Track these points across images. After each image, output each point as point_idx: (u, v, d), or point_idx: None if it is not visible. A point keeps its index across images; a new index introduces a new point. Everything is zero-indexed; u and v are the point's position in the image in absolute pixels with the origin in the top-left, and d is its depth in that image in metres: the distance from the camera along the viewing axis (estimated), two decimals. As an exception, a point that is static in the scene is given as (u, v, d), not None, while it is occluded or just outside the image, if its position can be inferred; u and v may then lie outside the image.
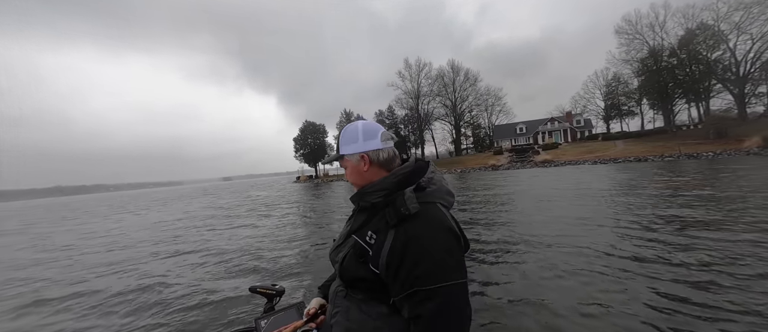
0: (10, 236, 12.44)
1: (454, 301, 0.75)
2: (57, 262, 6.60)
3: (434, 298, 0.74)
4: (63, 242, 9.36)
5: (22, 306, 4.12)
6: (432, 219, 0.81)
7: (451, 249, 0.79)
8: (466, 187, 16.23)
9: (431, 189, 0.87)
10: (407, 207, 0.80)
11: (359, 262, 0.85)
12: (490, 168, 35.86)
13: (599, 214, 6.59)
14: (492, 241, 5.26)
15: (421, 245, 0.77)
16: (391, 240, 0.80)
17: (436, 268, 0.75)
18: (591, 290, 3.19)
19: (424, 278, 0.75)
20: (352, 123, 1.02)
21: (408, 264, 0.76)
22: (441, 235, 0.79)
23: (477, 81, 57.35)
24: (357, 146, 0.95)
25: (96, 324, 3.42)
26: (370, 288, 0.85)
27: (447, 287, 0.75)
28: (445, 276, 0.75)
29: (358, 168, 0.96)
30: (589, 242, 4.72)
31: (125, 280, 4.85)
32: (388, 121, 58.42)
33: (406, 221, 0.80)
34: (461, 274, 0.78)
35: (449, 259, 0.77)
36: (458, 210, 8.76)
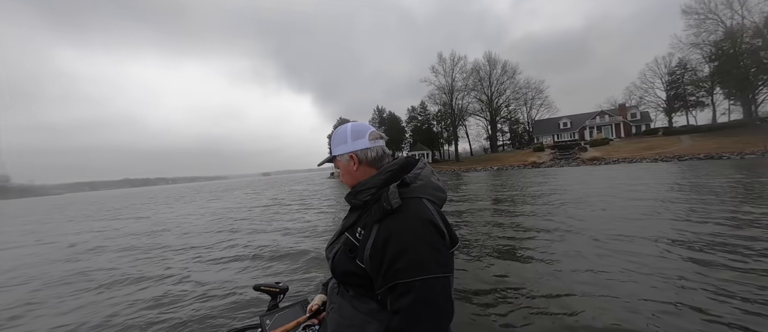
0: (130, 220, 14.37)
1: (431, 295, 0.74)
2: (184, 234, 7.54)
3: (411, 292, 0.74)
4: (179, 220, 10.91)
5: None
6: (413, 213, 0.81)
7: (432, 244, 0.78)
8: (502, 184, 15.50)
9: (417, 185, 0.89)
10: (390, 203, 0.81)
11: (348, 258, 0.88)
12: (531, 166, 33.83)
13: (669, 226, 5.54)
14: (529, 246, 4.94)
15: (401, 239, 0.78)
16: (374, 235, 0.82)
17: (415, 262, 0.75)
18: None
19: (403, 271, 0.75)
20: (342, 125, 1.05)
21: (389, 257, 0.77)
22: (422, 229, 0.79)
23: (516, 73, 54.35)
24: (346, 146, 0.99)
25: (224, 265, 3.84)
26: (360, 283, 0.87)
27: (424, 281, 0.75)
28: (422, 270, 0.75)
29: (348, 167, 1.00)
30: (665, 270, 3.46)
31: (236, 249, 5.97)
32: (421, 118, 57.71)
33: (389, 216, 0.82)
34: (442, 269, 0.77)
35: (429, 253, 0.77)
36: (490, 209, 8.37)
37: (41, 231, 12.05)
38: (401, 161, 0.98)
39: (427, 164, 0.99)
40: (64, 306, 3.89)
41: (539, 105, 58.36)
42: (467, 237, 5.62)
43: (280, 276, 4.33)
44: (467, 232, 6.03)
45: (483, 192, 13.24)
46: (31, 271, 5.70)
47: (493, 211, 8.21)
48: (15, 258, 6.93)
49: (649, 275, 3.39)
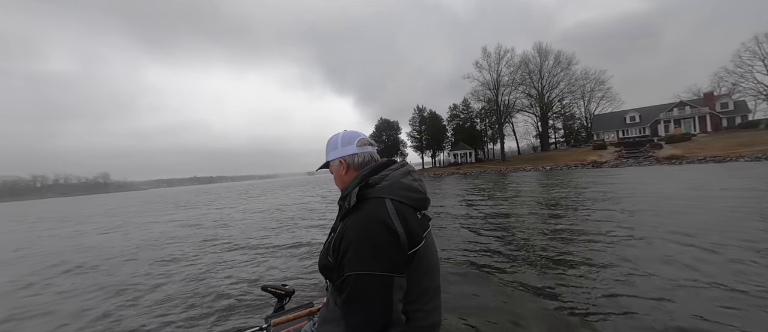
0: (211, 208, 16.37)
1: (363, 290, 0.78)
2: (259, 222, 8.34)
3: (348, 285, 0.80)
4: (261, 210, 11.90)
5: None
6: (366, 213, 0.86)
7: (376, 243, 0.80)
8: (557, 186, 13.95)
9: (381, 186, 0.91)
10: (349, 202, 0.89)
11: (325, 255, 0.95)
12: (591, 166, 30.37)
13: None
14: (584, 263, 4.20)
15: (349, 236, 0.83)
16: (338, 231, 0.89)
17: (355, 257, 0.80)
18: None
19: (347, 266, 0.81)
20: (335, 133, 1.11)
21: (341, 252, 0.84)
22: (369, 228, 0.82)
23: (571, 64, 49.43)
24: (337, 152, 1.05)
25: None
26: (333, 277, 0.92)
27: (359, 276, 0.79)
28: (360, 266, 0.79)
29: (339, 172, 1.06)
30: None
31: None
32: (463, 115, 55.59)
33: (349, 214, 0.89)
34: (381, 267, 0.79)
35: (369, 251, 0.80)
36: (540, 214, 7.48)
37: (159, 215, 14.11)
38: (375, 164, 1.02)
39: (405, 166, 1.02)
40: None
41: (600, 98, 52.31)
42: (513, 244, 5.08)
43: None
44: (513, 240, 5.42)
45: (533, 194, 12.12)
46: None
47: (546, 217, 7.37)
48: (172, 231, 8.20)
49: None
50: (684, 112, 39.80)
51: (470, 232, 6.05)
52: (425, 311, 0.90)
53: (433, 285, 0.93)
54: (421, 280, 0.89)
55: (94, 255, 6.82)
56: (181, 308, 3.50)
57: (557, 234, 5.41)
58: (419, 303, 0.88)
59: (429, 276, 0.92)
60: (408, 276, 0.85)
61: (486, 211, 8.57)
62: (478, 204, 10.05)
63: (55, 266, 6.03)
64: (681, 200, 7.76)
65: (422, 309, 0.89)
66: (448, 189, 17.52)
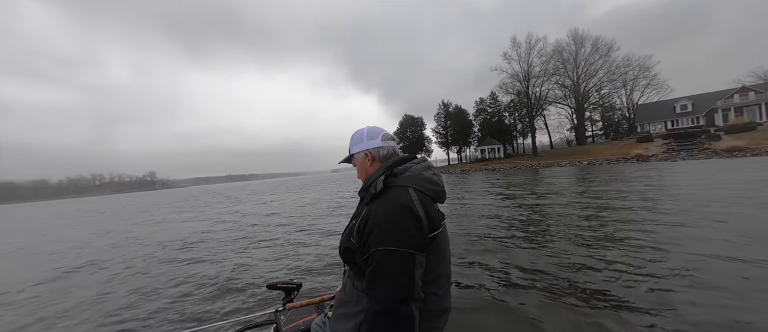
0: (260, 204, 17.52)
1: (388, 266, 0.84)
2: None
3: (374, 259, 0.86)
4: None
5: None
6: (392, 198, 0.93)
7: (401, 223, 0.88)
8: (599, 180, 12.89)
9: (405, 175, 1.00)
10: (375, 187, 0.96)
11: (347, 237, 1.01)
12: (635, 160, 28.04)
13: None
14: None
15: (376, 217, 0.91)
16: (362, 216, 0.96)
17: (381, 235, 0.87)
18: None
19: (373, 243, 0.88)
20: (359, 128, 1.19)
21: (367, 231, 0.91)
22: (395, 211, 0.90)
23: (611, 50, 45.85)
24: (362, 145, 1.14)
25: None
26: (356, 261, 0.97)
27: (385, 251, 0.85)
28: (386, 242, 0.86)
29: (363, 164, 1.14)
30: None
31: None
32: (491, 109, 53.68)
33: (375, 199, 0.96)
34: (405, 244, 0.86)
35: (394, 231, 0.87)
36: (583, 215, 6.94)
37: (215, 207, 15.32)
38: (398, 158, 1.11)
39: (425, 161, 1.10)
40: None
41: (644, 86, 47.98)
42: (549, 250, 4.77)
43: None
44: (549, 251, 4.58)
45: (573, 192, 11.39)
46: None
47: (588, 219, 6.87)
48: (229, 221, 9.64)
49: None
50: (747, 98, 35.40)
51: (502, 237, 5.80)
52: (438, 295, 0.97)
53: (445, 271, 1.01)
54: (437, 265, 0.96)
55: (223, 234, 8.21)
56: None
57: (611, 243, 5.01)
58: (434, 287, 0.95)
59: (443, 263, 1.00)
60: (427, 259, 0.92)
61: (523, 211, 8.19)
62: (514, 204, 9.64)
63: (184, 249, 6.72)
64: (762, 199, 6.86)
65: (436, 292, 0.96)
66: (476, 186, 17.00)
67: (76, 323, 3.40)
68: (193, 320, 3.19)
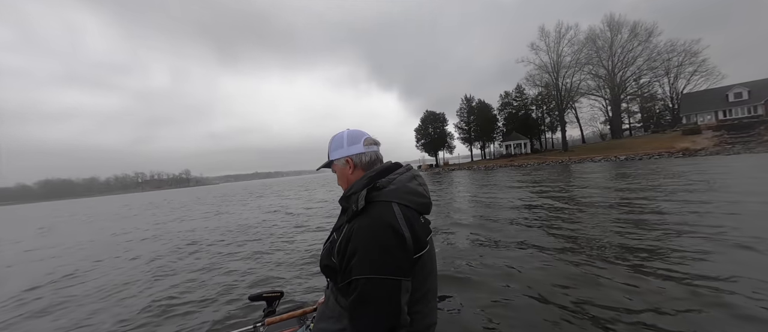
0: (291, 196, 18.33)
1: (374, 294, 0.78)
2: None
3: (357, 288, 0.79)
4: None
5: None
6: (375, 216, 0.85)
7: (385, 247, 0.81)
8: (640, 175, 11.98)
9: (388, 189, 0.92)
10: (357, 205, 0.88)
11: (328, 254, 0.95)
12: (680, 154, 25.75)
13: None
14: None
15: (358, 238, 0.83)
16: (344, 234, 0.89)
17: (364, 261, 0.80)
18: None
19: (354, 269, 0.81)
20: (339, 132, 1.09)
21: (348, 255, 0.84)
22: (378, 232, 0.82)
23: (652, 36, 42.28)
24: (342, 151, 1.04)
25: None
26: (334, 276, 0.93)
27: (368, 280, 0.78)
28: (369, 270, 0.79)
29: (344, 171, 1.05)
30: None
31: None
32: (517, 103, 51.58)
33: (356, 217, 0.88)
34: (391, 271, 0.79)
35: (379, 255, 0.80)
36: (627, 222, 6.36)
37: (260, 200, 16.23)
38: (382, 166, 1.03)
39: (410, 169, 1.02)
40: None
41: (691, 73, 43.78)
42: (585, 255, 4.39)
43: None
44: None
45: (611, 190, 10.61)
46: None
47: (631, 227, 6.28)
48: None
49: None
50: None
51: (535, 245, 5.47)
52: (424, 313, 0.92)
53: (432, 287, 0.96)
54: (424, 283, 0.91)
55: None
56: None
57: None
58: (419, 305, 0.90)
59: (430, 280, 0.94)
60: (412, 280, 0.86)
61: (555, 215, 7.74)
62: (543, 206, 9.16)
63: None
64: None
65: (421, 310, 0.91)
66: (502, 187, 16.37)
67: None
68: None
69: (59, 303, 4.14)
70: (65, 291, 4.64)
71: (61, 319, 3.61)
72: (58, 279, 5.28)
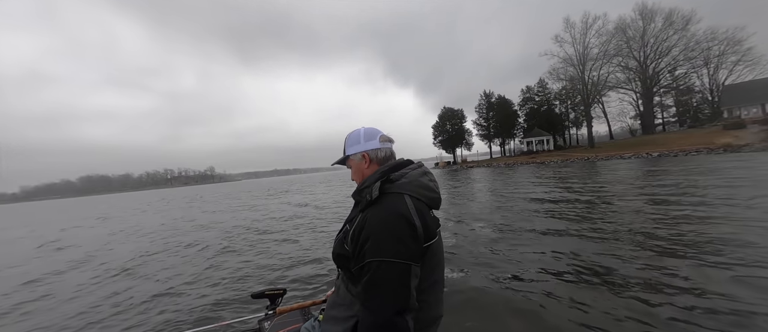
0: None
1: (384, 277, 0.83)
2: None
3: (370, 271, 0.84)
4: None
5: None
6: (388, 205, 0.91)
7: (396, 233, 0.86)
8: (665, 170, 11.20)
9: (401, 182, 0.97)
10: (371, 195, 0.94)
11: (341, 243, 0.99)
12: (721, 150, 23.97)
13: None
14: None
15: (371, 226, 0.89)
16: (358, 222, 0.94)
17: (377, 245, 0.85)
18: None
19: (368, 253, 0.86)
20: (356, 129, 1.15)
21: (362, 240, 0.89)
22: (391, 220, 0.88)
23: (690, 23, 39.38)
24: (359, 147, 1.10)
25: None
26: (349, 266, 0.96)
27: (380, 262, 0.83)
28: (381, 253, 0.84)
29: (360, 166, 1.10)
30: None
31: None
32: (539, 98, 49.83)
33: (370, 206, 0.94)
34: (401, 255, 0.84)
35: (390, 241, 0.85)
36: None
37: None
38: (395, 162, 1.08)
39: (422, 166, 1.07)
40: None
41: (734, 63, 40.36)
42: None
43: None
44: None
45: (642, 192, 10.07)
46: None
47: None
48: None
49: None
50: None
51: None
52: (430, 303, 0.95)
53: (439, 279, 1.00)
54: (431, 273, 0.95)
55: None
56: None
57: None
58: (425, 295, 0.93)
59: (437, 271, 0.98)
60: (421, 268, 0.90)
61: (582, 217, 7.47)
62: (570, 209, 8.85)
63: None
64: None
65: (428, 300, 0.94)
66: (524, 183, 15.93)
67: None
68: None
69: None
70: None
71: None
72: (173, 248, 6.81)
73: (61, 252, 7.92)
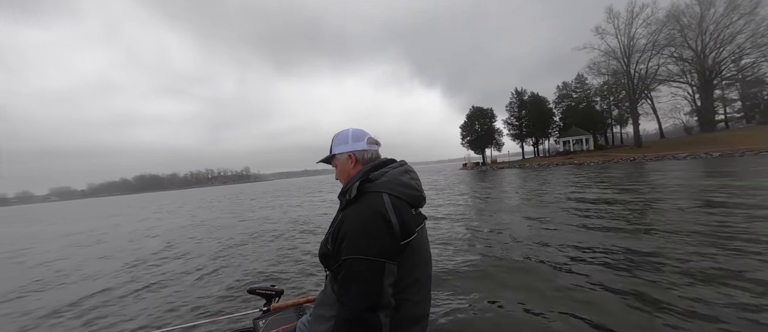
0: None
1: (358, 272, 0.85)
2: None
3: (345, 268, 0.87)
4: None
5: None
6: (365, 204, 0.93)
7: (372, 231, 0.88)
8: (732, 172, 9.84)
9: (380, 181, 0.98)
10: (350, 194, 0.96)
11: (325, 244, 1.00)
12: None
13: None
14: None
15: (348, 223, 0.91)
16: (338, 221, 0.96)
17: (352, 243, 0.87)
18: None
19: (344, 250, 0.88)
20: (343, 129, 1.15)
21: (340, 239, 0.91)
22: (367, 218, 0.89)
23: (759, 6, 34.65)
24: (346, 147, 1.11)
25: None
26: (330, 265, 0.98)
27: (355, 259, 0.85)
28: (356, 251, 0.86)
29: (346, 166, 1.11)
30: None
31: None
32: (577, 95, 46.79)
33: (349, 205, 0.96)
34: (375, 253, 0.86)
35: (365, 239, 0.87)
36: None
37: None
38: (376, 162, 1.09)
39: (404, 165, 1.08)
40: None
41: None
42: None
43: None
44: None
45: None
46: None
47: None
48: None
49: None
50: None
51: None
52: (413, 301, 0.95)
53: (423, 277, 0.99)
54: (412, 271, 0.95)
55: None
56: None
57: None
58: (408, 294, 0.94)
59: (419, 269, 0.98)
60: (400, 266, 0.91)
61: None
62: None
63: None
64: None
65: (411, 299, 0.94)
66: (562, 184, 14.99)
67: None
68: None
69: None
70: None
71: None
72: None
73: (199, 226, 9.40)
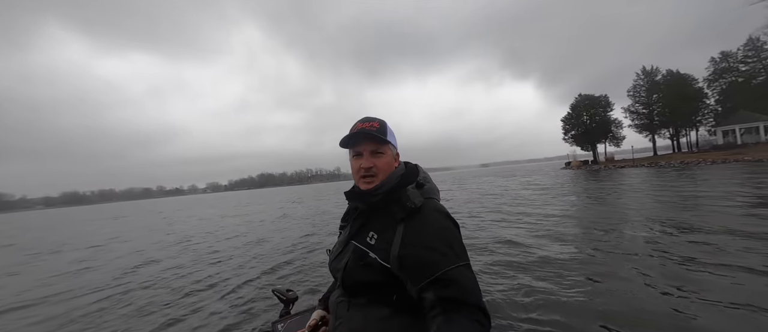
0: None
1: (470, 278, 0.78)
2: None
3: (455, 279, 0.75)
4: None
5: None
6: (438, 210, 0.87)
7: (458, 235, 0.85)
8: None
9: (428, 187, 0.95)
10: (413, 202, 0.86)
11: (361, 265, 0.86)
12: None
13: None
14: None
15: (432, 233, 0.81)
16: (401, 234, 0.83)
17: (451, 251, 0.79)
18: None
19: (442, 261, 0.77)
20: (383, 119, 1.00)
21: (424, 251, 0.79)
22: (448, 224, 0.85)
23: None
24: (394, 140, 0.99)
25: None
26: (373, 290, 0.85)
27: (463, 267, 0.78)
28: (457, 259, 0.79)
29: (392, 160, 0.97)
30: None
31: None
32: (747, 67, 34.28)
33: (414, 214, 0.85)
34: (468, 257, 0.83)
35: (459, 243, 0.83)
36: None
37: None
38: (411, 165, 1.03)
39: (419, 169, 1.02)
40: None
41: None
42: None
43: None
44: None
45: None
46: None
47: None
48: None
49: None
50: None
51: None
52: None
53: None
54: None
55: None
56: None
57: None
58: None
59: None
60: None
61: None
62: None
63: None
64: None
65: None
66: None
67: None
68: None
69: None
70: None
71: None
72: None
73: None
